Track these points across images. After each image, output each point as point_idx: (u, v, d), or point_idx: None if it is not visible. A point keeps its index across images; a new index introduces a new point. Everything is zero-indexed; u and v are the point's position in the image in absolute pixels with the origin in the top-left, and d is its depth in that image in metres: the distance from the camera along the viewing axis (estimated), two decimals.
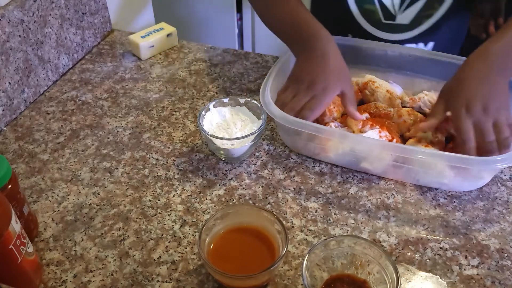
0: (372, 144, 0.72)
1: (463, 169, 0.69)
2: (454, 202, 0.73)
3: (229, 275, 0.58)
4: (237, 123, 0.79)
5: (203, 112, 0.78)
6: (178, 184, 0.75)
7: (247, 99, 0.81)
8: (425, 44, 0.93)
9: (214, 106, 0.80)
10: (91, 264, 0.64)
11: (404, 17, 0.90)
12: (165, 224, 0.69)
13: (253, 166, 0.78)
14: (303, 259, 0.57)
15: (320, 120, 0.79)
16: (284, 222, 0.68)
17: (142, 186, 0.75)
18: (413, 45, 0.93)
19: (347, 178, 0.76)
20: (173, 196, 0.74)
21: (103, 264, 0.64)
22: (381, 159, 0.73)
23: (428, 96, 0.83)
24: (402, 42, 0.93)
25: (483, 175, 0.72)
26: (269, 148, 0.82)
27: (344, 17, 0.93)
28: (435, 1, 0.88)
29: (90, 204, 0.73)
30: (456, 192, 0.74)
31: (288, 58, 0.86)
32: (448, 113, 0.72)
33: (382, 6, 0.90)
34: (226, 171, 0.78)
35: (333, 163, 0.78)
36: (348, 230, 0.69)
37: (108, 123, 0.88)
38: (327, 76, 0.75)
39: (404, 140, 0.78)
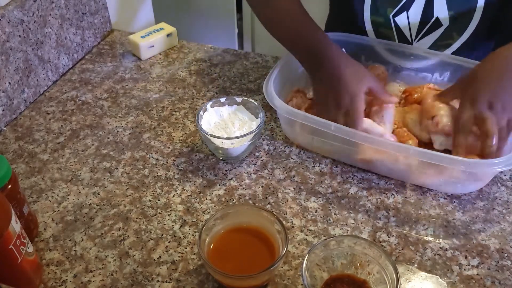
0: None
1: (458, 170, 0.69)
2: (454, 202, 0.73)
3: (229, 275, 0.58)
4: (235, 122, 0.79)
5: (200, 112, 0.78)
6: (178, 184, 0.75)
7: (244, 98, 0.81)
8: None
9: (212, 106, 0.80)
10: (91, 264, 0.64)
11: (421, 45, 0.89)
12: (165, 224, 0.69)
13: (253, 166, 0.78)
14: (303, 259, 0.57)
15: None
16: (284, 222, 0.68)
17: (142, 186, 0.75)
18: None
19: (347, 178, 0.76)
20: (173, 196, 0.74)
21: (103, 264, 0.64)
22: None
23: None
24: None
25: (480, 177, 0.72)
26: (269, 148, 0.82)
27: None
28: (454, 31, 0.86)
29: (90, 204, 0.73)
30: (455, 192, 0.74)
31: (291, 57, 0.86)
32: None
33: (399, 31, 0.88)
34: (226, 171, 0.78)
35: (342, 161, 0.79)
36: (348, 230, 0.69)
37: (108, 123, 0.88)
38: (347, 86, 0.72)
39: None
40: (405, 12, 0.86)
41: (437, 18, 0.85)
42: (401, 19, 0.87)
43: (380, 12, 0.88)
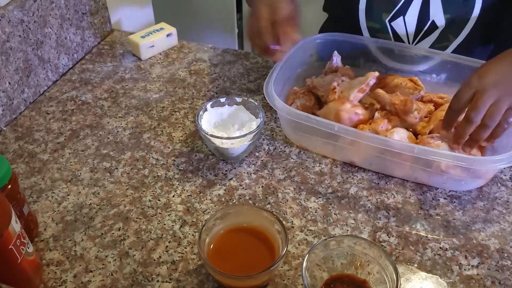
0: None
1: (462, 168, 0.69)
2: (454, 202, 0.73)
3: (229, 275, 0.58)
4: (235, 122, 0.79)
5: (200, 112, 0.78)
6: (178, 184, 0.75)
7: (244, 98, 0.81)
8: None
9: (212, 106, 0.80)
10: (91, 264, 0.64)
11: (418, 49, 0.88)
12: (165, 224, 0.69)
13: (253, 166, 0.78)
14: (303, 259, 0.57)
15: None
16: (284, 222, 0.68)
17: (142, 186, 0.75)
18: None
19: (347, 178, 0.76)
20: (173, 196, 0.74)
21: (103, 264, 0.64)
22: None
23: None
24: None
25: (482, 174, 0.72)
26: (269, 148, 0.82)
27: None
28: (450, 33, 0.86)
29: (90, 204, 0.73)
30: (456, 192, 0.74)
31: (291, 58, 0.86)
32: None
33: (396, 35, 0.89)
34: (226, 171, 0.78)
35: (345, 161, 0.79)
36: (348, 230, 0.69)
37: (108, 123, 0.88)
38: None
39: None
40: (401, 17, 0.86)
41: (433, 21, 0.85)
42: (398, 24, 0.87)
43: (375, 17, 0.88)
